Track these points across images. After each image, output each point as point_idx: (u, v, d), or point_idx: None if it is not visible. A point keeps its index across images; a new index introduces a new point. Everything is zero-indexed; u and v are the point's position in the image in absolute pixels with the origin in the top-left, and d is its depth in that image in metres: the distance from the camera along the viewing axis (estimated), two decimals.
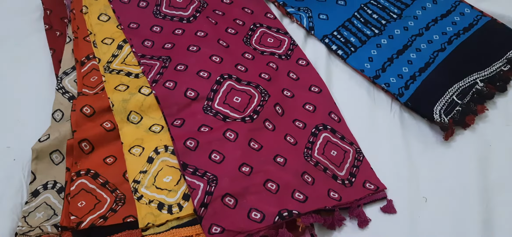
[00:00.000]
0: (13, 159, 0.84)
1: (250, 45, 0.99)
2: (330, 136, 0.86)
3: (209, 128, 0.82)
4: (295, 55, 0.99)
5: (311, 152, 0.83)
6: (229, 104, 0.86)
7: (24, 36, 1.05)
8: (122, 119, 0.85)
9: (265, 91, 0.89)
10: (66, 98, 0.91)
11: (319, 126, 0.87)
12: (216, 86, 0.88)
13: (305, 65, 0.97)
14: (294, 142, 0.83)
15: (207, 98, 0.87)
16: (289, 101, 0.90)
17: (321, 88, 0.93)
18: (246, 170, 0.77)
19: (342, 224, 0.76)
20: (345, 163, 0.83)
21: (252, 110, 0.85)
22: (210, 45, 0.96)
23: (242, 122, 0.84)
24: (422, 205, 0.79)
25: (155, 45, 0.96)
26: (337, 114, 0.89)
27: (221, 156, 0.79)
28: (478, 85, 0.89)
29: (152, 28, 1.00)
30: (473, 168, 0.83)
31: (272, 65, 0.95)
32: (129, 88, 0.90)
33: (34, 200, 0.78)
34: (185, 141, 0.81)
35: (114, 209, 0.75)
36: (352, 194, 0.78)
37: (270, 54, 0.98)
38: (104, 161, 0.81)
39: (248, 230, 0.71)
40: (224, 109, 0.86)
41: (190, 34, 0.98)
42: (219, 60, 0.92)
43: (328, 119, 0.88)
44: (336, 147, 0.84)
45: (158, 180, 0.78)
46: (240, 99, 0.86)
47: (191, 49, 0.94)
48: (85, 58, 0.95)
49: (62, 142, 0.83)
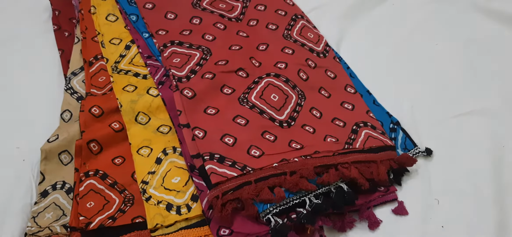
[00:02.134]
0: (22, 160, 0.84)
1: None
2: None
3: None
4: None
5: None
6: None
7: (33, 37, 1.06)
8: (130, 120, 0.85)
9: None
10: (74, 98, 0.91)
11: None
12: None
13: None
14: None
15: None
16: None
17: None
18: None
19: (353, 226, 0.75)
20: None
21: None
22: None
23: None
24: (435, 207, 0.77)
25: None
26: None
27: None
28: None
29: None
30: (486, 169, 0.81)
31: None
32: (137, 88, 0.90)
33: (43, 200, 0.78)
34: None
35: (122, 210, 0.75)
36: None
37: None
38: (113, 162, 0.81)
39: (257, 232, 0.70)
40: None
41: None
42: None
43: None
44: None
45: (166, 181, 0.77)
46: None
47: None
48: (93, 58, 0.95)
49: (71, 142, 0.83)
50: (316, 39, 1.01)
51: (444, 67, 0.99)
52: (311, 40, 1.00)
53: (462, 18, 1.09)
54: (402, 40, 1.03)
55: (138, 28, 1.00)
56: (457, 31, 1.06)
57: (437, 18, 1.09)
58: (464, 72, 0.98)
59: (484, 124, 0.88)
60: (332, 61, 0.98)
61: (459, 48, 1.02)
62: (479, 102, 0.92)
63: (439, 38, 1.05)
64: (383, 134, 0.85)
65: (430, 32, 1.07)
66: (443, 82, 0.92)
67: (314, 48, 0.99)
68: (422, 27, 1.08)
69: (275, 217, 0.69)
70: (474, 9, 1.10)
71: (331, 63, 0.98)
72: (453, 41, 1.04)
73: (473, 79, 0.97)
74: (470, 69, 0.99)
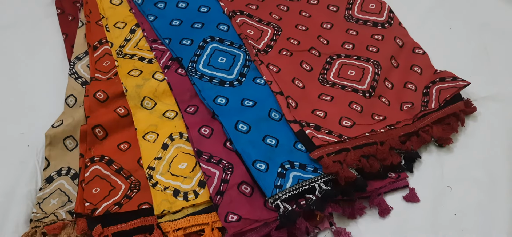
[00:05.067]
0: (27, 145, 0.83)
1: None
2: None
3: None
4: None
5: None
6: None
7: (36, 21, 1.05)
8: (136, 104, 0.84)
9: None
10: (79, 83, 0.90)
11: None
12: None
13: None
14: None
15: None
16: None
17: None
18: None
19: (363, 213, 0.74)
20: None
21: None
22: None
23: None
24: (447, 194, 0.76)
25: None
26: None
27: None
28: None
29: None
30: (499, 157, 0.79)
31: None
32: (142, 73, 0.88)
33: (48, 186, 0.77)
34: (199, 129, 0.79)
35: (129, 196, 0.74)
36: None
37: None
38: (118, 147, 0.80)
39: (265, 218, 0.69)
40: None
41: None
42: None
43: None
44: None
45: (173, 167, 0.76)
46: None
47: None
48: (98, 42, 0.94)
49: (76, 128, 0.82)
50: (378, 9, 1.01)
51: (458, 51, 0.97)
52: (373, 12, 1.00)
53: (477, 2, 1.06)
54: (415, 24, 1.01)
55: (143, 11, 0.99)
56: (471, 16, 1.03)
57: (451, 2, 1.07)
58: (478, 57, 0.96)
59: (498, 110, 0.86)
60: (398, 28, 0.98)
61: (473, 33, 1.00)
62: (493, 88, 0.89)
63: (452, 23, 1.03)
64: (454, 80, 0.86)
65: (443, 16, 1.04)
66: (456, 67, 0.90)
67: (377, 21, 0.99)
68: (435, 11, 1.06)
69: (284, 203, 0.68)
70: None
71: (397, 29, 0.98)
72: (467, 26, 1.02)
73: (487, 64, 0.95)
74: (484, 54, 0.96)
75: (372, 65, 0.90)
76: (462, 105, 0.83)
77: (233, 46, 0.93)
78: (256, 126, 0.79)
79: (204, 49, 0.91)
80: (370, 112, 0.83)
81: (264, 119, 0.81)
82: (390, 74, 0.90)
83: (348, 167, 0.72)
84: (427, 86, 0.87)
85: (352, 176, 0.71)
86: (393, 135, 0.79)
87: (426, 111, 0.82)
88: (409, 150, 0.78)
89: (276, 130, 0.79)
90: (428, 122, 0.81)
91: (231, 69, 0.89)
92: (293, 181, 0.71)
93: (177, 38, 0.93)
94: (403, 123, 0.81)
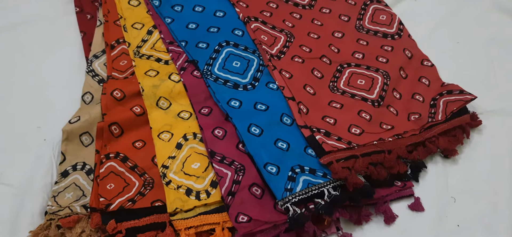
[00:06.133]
0: (43, 140, 0.85)
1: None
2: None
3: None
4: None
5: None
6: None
7: (55, 18, 1.06)
8: (152, 104, 0.86)
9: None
10: (96, 81, 0.92)
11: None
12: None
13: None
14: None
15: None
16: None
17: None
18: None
19: (369, 219, 0.75)
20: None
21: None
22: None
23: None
24: (451, 205, 0.77)
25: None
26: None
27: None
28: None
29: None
30: (503, 170, 0.81)
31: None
32: (159, 74, 0.90)
33: (64, 180, 0.79)
34: (213, 130, 0.81)
35: (142, 193, 0.75)
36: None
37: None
38: (133, 145, 0.82)
39: (275, 220, 0.70)
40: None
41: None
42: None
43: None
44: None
45: (186, 166, 0.78)
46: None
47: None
48: (115, 42, 0.96)
49: (92, 124, 0.84)
50: (389, 20, 1.03)
51: (465, 65, 0.99)
52: (384, 23, 1.02)
53: (485, 17, 1.08)
54: (424, 36, 1.02)
55: (160, 13, 1.00)
56: (479, 30, 1.05)
57: (459, 17, 1.08)
58: (485, 71, 0.97)
59: (503, 124, 0.87)
60: (407, 39, 1.00)
61: (480, 47, 1.02)
62: (499, 102, 0.91)
63: (460, 37, 1.04)
64: (461, 93, 0.87)
65: (451, 30, 1.06)
66: (463, 80, 0.91)
67: (387, 32, 1.01)
68: (443, 24, 1.07)
69: (294, 206, 0.70)
70: (497, 8, 1.08)
71: (406, 41, 1.00)
72: (475, 40, 1.03)
73: (494, 78, 0.96)
74: (491, 68, 0.98)
75: (381, 75, 0.92)
76: (468, 118, 0.85)
77: (248, 51, 0.95)
78: (268, 130, 0.81)
79: (219, 52, 0.93)
80: (379, 121, 0.85)
81: (276, 123, 0.82)
82: (398, 85, 0.92)
83: (356, 173, 0.74)
84: (435, 98, 0.89)
85: (360, 182, 0.73)
86: (401, 144, 0.80)
87: (433, 122, 0.84)
88: (415, 160, 0.80)
89: (287, 134, 0.81)
90: (435, 133, 0.83)
91: (245, 73, 0.91)
92: (303, 185, 0.73)
93: (194, 41, 0.95)
94: (411, 133, 0.83)
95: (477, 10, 1.09)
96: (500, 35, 1.04)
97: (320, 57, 0.95)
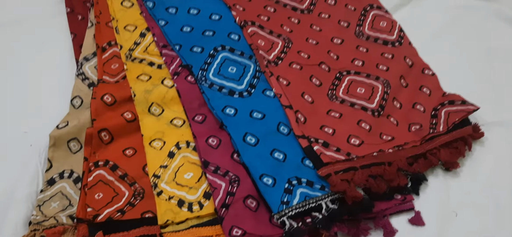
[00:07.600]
0: (29, 145, 0.82)
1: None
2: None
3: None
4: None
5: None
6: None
7: (45, 19, 1.04)
8: (143, 110, 0.83)
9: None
10: (86, 84, 0.89)
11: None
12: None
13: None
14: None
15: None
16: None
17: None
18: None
19: (368, 234, 0.73)
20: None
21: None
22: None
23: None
24: (452, 219, 0.75)
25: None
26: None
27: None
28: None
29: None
30: (505, 184, 0.79)
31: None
32: (151, 78, 0.88)
33: (50, 188, 0.76)
34: (207, 139, 0.79)
35: (132, 203, 0.73)
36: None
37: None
38: (124, 153, 0.79)
39: (270, 234, 0.68)
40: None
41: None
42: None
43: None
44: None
45: (178, 176, 0.75)
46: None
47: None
48: (107, 44, 0.93)
49: (81, 130, 0.81)
50: (389, 27, 1.01)
51: (466, 75, 0.97)
52: (384, 30, 1.00)
53: (485, 26, 1.07)
54: (422, 46, 1.01)
55: (154, 15, 0.98)
56: (479, 39, 1.04)
57: (459, 25, 1.07)
58: (486, 81, 0.96)
59: (505, 136, 0.86)
60: (407, 47, 0.99)
61: (482, 57, 1.00)
62: (500, 113, 0.89)
63: (460, 46, 1.03)
64: (463, 104, 0.85)
65: (452, 38, 1.05)
66: (463, 91, 0.90)
67: (388, 39, 0.99)
68: (445, 33, 1.06)
69: (290, 220, 0.68)
70: (498, 17, 1.08)
71: (407, 49, 0.98)
72: (476, 49, 1.02)
73: (494, 89, 0.95)
74: (492, 78, 0.97)
75: (381, 84, 0.90)
76: (470, 130, 0.83)
77: (244, 56, 0.92)
78: (264, 140, 0.78)
79: (214, 57, 0.91)
80: (379, 131, 0.83)
81: (272, 133, 0.80)
82: (399, 94, 0.90)
83: (355, 186, 0.72)
84: (436, 108, 0.87)
85: (359, 196, 0.70)
86: (401, 156, 0.78)
87: (434, 133, 0.82)
88: (416, 172, 0.78)
89: (284, 144, 0.79)
90: (436, 145, 0.81)
91: (241, 79, 0.88)
92: (300, 198, 0.70)
93: (188, 44, 0.93)
94: (411, 144, 0.81)
95: (477, 19, 1.08)
96: (501, 45, 1.02)
97: (318, 64, 0.93)
